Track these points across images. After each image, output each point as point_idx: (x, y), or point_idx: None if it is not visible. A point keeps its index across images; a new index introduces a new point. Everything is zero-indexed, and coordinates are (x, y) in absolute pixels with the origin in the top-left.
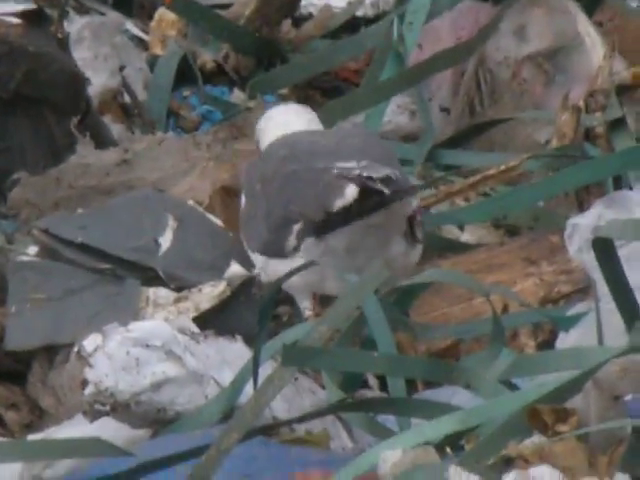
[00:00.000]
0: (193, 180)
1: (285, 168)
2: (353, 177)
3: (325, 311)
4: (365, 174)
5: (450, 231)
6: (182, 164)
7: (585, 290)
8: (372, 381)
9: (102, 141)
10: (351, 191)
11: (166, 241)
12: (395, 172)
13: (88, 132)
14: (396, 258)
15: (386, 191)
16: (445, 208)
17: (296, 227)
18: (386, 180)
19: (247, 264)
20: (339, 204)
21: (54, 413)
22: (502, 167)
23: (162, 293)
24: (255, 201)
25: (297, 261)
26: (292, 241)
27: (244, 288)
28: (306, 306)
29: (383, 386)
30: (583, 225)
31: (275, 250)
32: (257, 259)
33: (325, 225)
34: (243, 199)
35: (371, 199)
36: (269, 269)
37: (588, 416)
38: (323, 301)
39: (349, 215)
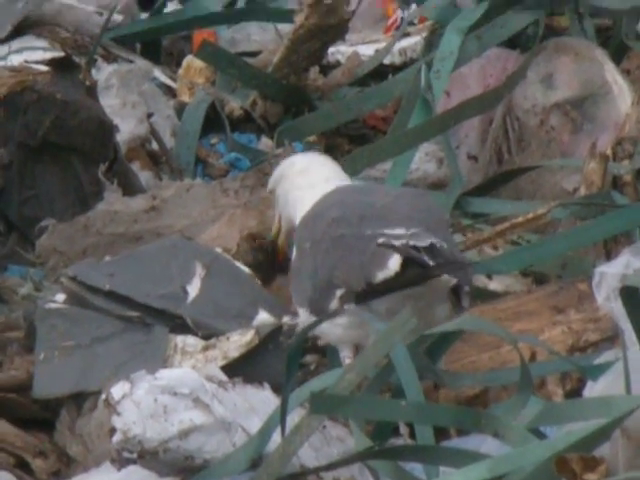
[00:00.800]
0: (221, 227)
1: (334, 231)
2: (398, 247)
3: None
4: (411, 243)
5: (478, 279)
6: (210, 211)
7: (613, 338)
8: (403, 429)
9: (130, 188)
10: (394, 263)
11: (194, 289)
12: (441, 242)
13: (116, 179)
14: (438, 321)
15: (430, 263)
16: (473, 256)
17: (339, 292)
18: (431, 250)
19: (275, 312)
20: (381, 276)
21: (82, 461)
22: (530, 215)
23: (190, 341)
24: (304, 258)
25: (338, 321)
26: (334, 304)
27: (272, 336)
28: (347, 354)
29: (414, 433)
30: (611, 273)
31: (318, 309)
32: (302, 313)
33: (367, 294)
34: (294, 252)
35: (414, 270)
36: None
37: (616, 465)
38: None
39: (391, 285)
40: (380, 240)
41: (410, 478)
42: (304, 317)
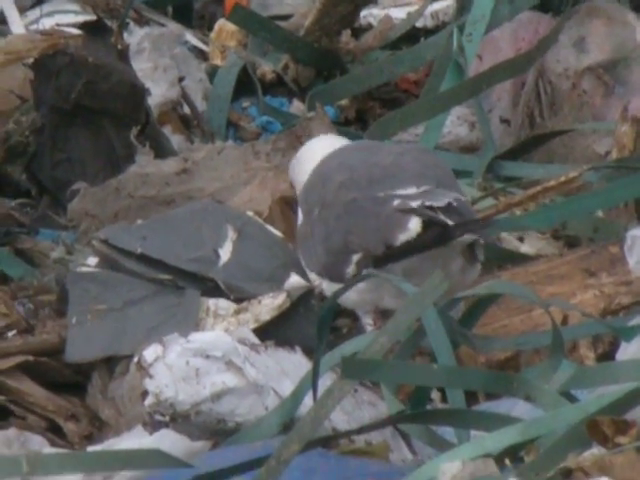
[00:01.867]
0: (253, 190)
1: (345, 196)
2: (416, 209)
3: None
4: (427, 203)
5: (510, 242)
6: (241, 174)
7: None
8: (434, 394)
9: (162, 152)
10: (414, 225)
11: (226, 252)
12: (457, 197)
13: (148, 143)
14: (454, 276)
15: (449, 223)
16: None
17: (355, 257)
18: (449, 209)
19: (306, 276)
20: (402, 238)
21: (114, 424)
22: (562, 178)
23: (222, 304)
24: (313, 223)
25: (355, 286)
26: (351, 269)
27: (304, 299)
28: (368, 322)
29: (445, 398)
30: None
31: (333, 275)
32: (314, 278)
33: (386, 257)
34: (300, 216)
35: (434, 231)
36: (326, 289)
37: None
38: (385, 315)
39: (411, 247)
40: (396, 203)
41: (442, 441)
42: (317, 282)
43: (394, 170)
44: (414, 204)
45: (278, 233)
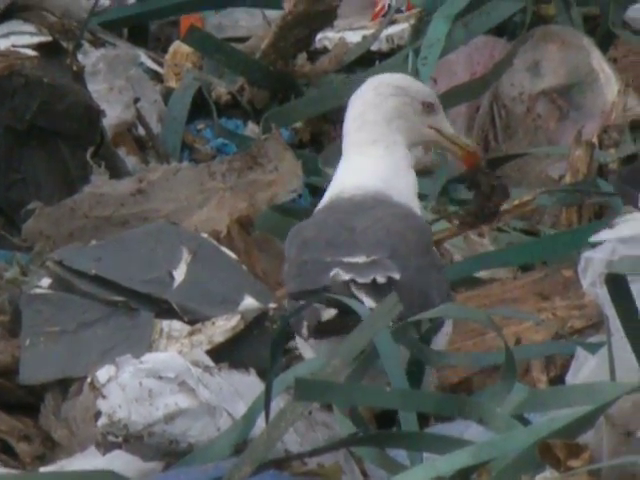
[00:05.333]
0: (210, 210)
1: (300, 255)
2: (344, 282)
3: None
4: (355, 278)
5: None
6: (197, 195)
7: (598, 325)
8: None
9: (117, 173)
10: (328, 313)
11: (180, 274)
12: (393, 272)
13: (103, 163)
14: None
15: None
16: (459, 242)
17: (305, 324)
18: (372, 286)
19: (261, 297)
20: (325, 317)
21: (67, 445)
22: (516, 202)
23: (176, 326)
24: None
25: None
26: (304, 334)
27: (257, 322)
28: None
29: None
30: (597, 259)
31: (296, 328)
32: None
33: (318, 331)
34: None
35: (349, 317)
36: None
37: (600, 452)
38: None
39: (332, 328)
40: (333, 272)
41: (394, 464)
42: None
43: (359, 236)
44: (347, 277)
45: (233, 255)
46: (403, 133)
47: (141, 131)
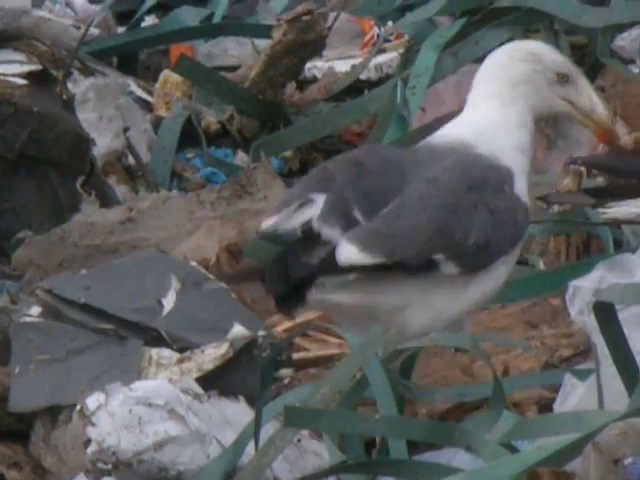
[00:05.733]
0: (200, 238)
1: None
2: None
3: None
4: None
5: None
6: (186, 223)
7: (586, 353)
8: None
9: (107, 202)
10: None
11: (169, 302)
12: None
13: (93, 192)
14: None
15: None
16: None
17: None
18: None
19: (250, 325)
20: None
21: (56, 472)
22: None
23: (165, 354)
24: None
25: None
26: None
27: (247, 349)
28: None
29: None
30: (585, 287)
31: None
32: None
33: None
34: None
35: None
36: None
37: (588, 479)
38: None
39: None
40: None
41: None
42: None
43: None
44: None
45: (222, 283)
46: (528, 100)
47: (131, 160)
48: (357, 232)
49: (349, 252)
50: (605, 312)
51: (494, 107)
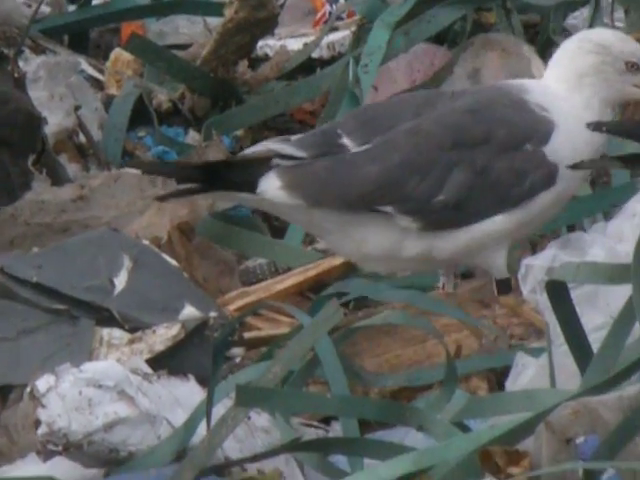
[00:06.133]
0: (151, 216)
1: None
2: None
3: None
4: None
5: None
6: (138, 201)
7: (538, 332)
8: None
9: (58, 180)
10: None
11: (121, 282)
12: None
13: (44, 171)
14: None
15: None
16: None
17: None
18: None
19: (202, 306)
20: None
21: (7, 452)
22: None
23: (116, 334)
24: None
25: None
26: None
27: (198, 330)
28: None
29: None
30: (537, 266)
31: None
32: None
33: None
34: None
35: None
36: None
37: (540, 458)
38: None
39: None
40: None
41: (335, 470)
42: None
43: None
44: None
45: (174, 262)
46: (596, 90)
47: (82, 138)
48: (290, 168)
49: (269, 185)
50: (558, 291)
51: (559, 85)
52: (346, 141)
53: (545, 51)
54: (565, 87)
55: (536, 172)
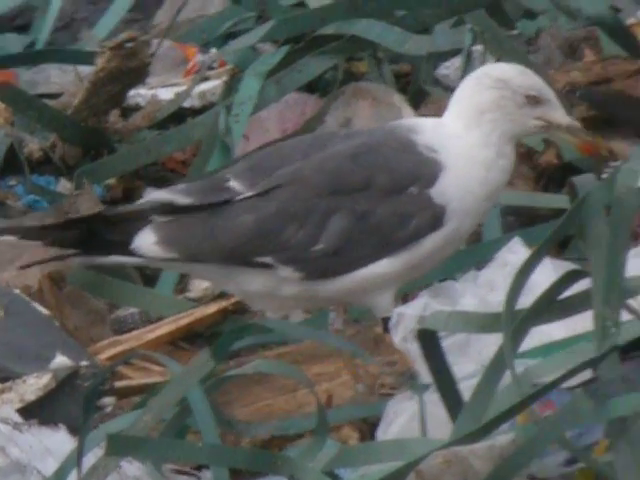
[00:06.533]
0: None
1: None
2: None
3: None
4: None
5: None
6: (8, 250)
7: (409, 380)
8: None
9: None
10: None
11: None
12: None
13: None
14: None
15: None
16: None
17: None
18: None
19: (73, 355)
20: None
21: None
22: None
23: None
24: None
25: None
26: None
27: (69, 379)
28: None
29: None
30: (408, 315)
31: None
32: None
33: None
34: None
35: None
36: None
37: None
38: None
39: None
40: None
41: None
42: None
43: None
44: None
45: (45, 311)
46: (497, 125)
47: None
48: (165, 222)
49: (144, 241)
50: (429, 339)
51: (459, 127)
52: (233, 184)
53: (416, 100)
54: (464, 124)
55: (421, 215)
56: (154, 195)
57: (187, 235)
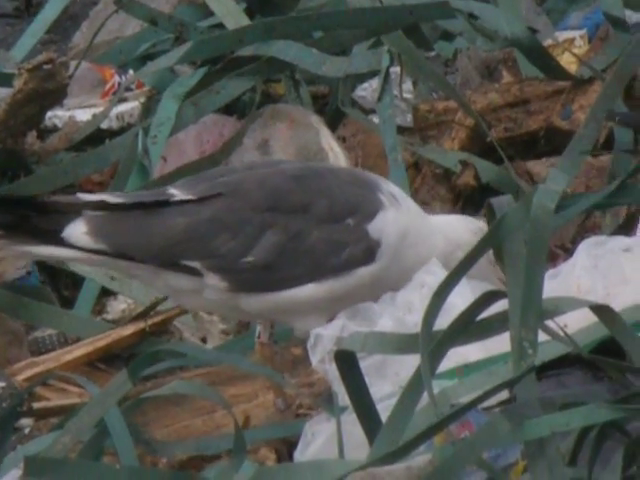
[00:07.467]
0: None
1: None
2: None
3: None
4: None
5: (192, 342)
6: None
7: (327, 402)
8: None
9: None
10: None
11: None
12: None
13: None
14: None
15: None
16: (188, 319)
17: None
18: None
19: None
20: None
21: None
22: None
23: None
24: None
25: None
26: None
27: None
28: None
29: None
30: (326, 336)
31: None
32: None
33: None
34: None
35: None
36: None
37: None
38: None
39: None
40: None
41: None
42: None
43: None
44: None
45: None
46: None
47: None
48: (99, 215)
49: (74, 231)
50: (346, 360)
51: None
52: (172, 191)
53: (334, 122)
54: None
55: (356, 246)
56: (86, 196)
57: (119, 229)
